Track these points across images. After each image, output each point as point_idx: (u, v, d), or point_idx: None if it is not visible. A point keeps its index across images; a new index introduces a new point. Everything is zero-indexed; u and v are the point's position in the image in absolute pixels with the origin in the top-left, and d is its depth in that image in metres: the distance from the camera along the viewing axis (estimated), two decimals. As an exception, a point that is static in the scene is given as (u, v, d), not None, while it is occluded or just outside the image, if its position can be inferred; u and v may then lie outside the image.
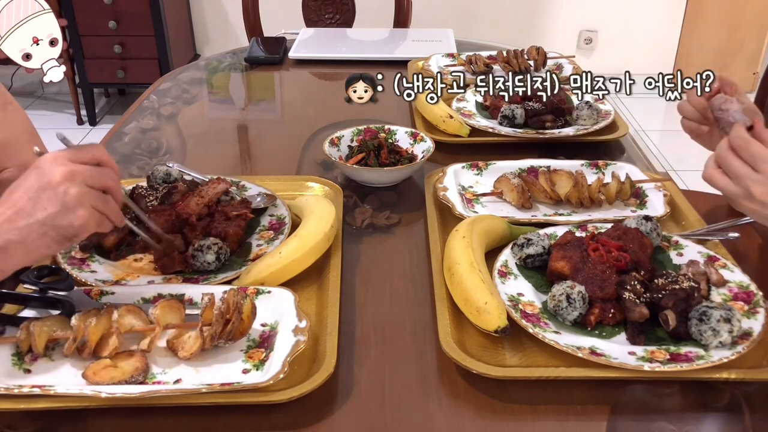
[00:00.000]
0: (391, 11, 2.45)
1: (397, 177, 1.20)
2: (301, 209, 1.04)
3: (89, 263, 0.96)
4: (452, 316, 0.86)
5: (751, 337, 0.79)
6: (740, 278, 0.89)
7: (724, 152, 0.85)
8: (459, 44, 1.95)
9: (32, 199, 0.73)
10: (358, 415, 0.75)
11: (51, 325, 0.79)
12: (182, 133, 1.48)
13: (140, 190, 1.05)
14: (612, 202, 1.11)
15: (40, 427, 0.73)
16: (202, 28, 3.86)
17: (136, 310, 0.81)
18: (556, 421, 0.74)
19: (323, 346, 0.80)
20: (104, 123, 3.63)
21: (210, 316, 0.78)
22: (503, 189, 1.12)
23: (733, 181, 0.84)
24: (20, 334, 0.78)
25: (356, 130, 1.28)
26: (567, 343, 0.79)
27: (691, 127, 1.07)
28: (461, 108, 1.45)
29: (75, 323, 0.77)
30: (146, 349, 0.78)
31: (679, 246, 0.97)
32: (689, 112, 1.06)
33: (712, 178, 0.86)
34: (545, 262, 0.92)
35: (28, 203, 0.73)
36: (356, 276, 0.98)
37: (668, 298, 0.81)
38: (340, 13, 2.45)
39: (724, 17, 3.76)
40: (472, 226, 0.95)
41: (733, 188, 0.84)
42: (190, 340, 0.79)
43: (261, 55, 1.87)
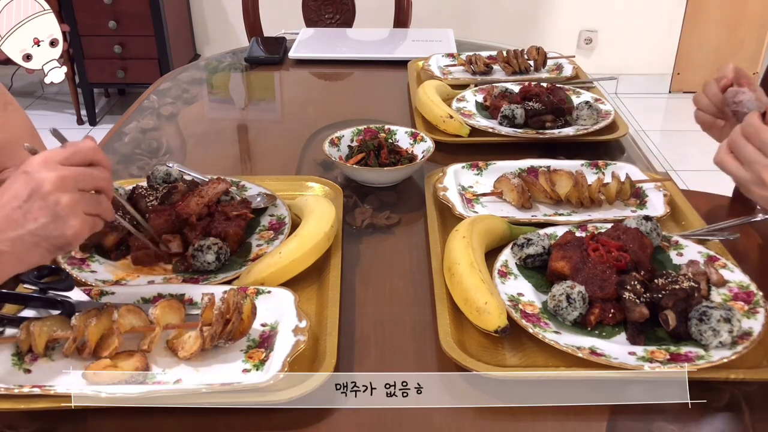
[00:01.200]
0: (391, 11, 2.45)
1: (397, 177, 1.20)
2: (301, 209, 1.04)
3: (89, 263, 0.96)
4: (452, 316, 0.86)
5: (751, 337, 0.79)
6: (740, 278, 0.89)
7: (737, 137, 0.85)
8: (459, 44, 1.95)
9: (22, 208, 0.70)
10: (358, 415, 0.75)
11: (51, 325, 0.79)
12: (182, 133, 1.48)
13: (140, 190, 1.05)
14: (612, 202, 1.11)
15: (40, 427, 0.73)
16: (202, 28, 3.86)
17: (136, 310, 0.81)
18: (556, 421, 0.74)
19: (323, 346, 0.80)
20: (104, 123, 3.63)
21: (210, 316, 0.79)
22: (503, 189, 1.12)
23: (744, 167, 0.83)
24: (20, 334, 0.77)
25: (356, 130, 1.28)
26: (567, 343, 0.79)
27: (704, 119, 1.07)
28: (461, 108, 1.45)
29: (75, 323, 0.77)
30: (146, 349, 0.78)
31: (679, 246, 0.97)
32: (704, 104, 1.06)
33: (723, 162, 0.86)
34: (545, 262, 0.92)
35: (18, 212, 0.70)
36: (356, 276, 0.98)
37: (668, 298, 0.81)
38: (340, 13, 2.45)
39: (724, 17, 3.76)
40: (472, 226, 0.95)
41: (744, 174, 0.83)
42: (190, 340, 0.79)
43: (261, 55, 1.87)
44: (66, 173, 0.71)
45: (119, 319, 0.78)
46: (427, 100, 1.40)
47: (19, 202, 0.70)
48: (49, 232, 0.71)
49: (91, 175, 0.74)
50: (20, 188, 0.71)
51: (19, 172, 0.72)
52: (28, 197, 0.70)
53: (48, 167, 0.71)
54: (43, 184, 0.70)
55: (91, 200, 0.74)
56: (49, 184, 0.70)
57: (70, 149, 0.74)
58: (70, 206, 0.71)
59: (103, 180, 0.76)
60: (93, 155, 0.76)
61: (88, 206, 0.74)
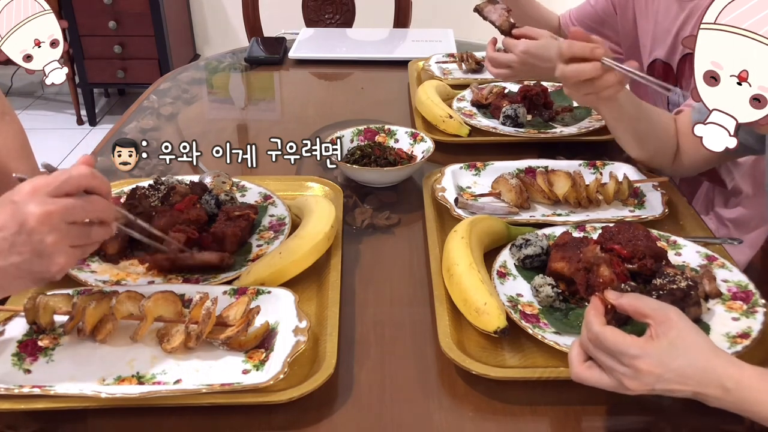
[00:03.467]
0: (391, 11, 2.45)
1: (397, 177, 1.20)
2: (301, 209, 1.04)
3: (89, 263, 0.96)
4: (452, 317, 0.86)
5: (751, 337, 0.79)
6: (739, 278, 0.89)
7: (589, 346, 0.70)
8: (459, 44, 1.95)
9: (8, 240, 0.67)
10: (358, 415, 0.75)
11: (57, 301, 0.81)
12: (182, 133, 1.48)
13: (141, 190, 1.06)
14: (610, 202, 1.11)
15: (40, 427, 0.73)
16: (202, 28, 3.86)
17: (138, 297, 0.82)
18: (556, 422, 0.74)
19: (323, 347, 0.80)
20: (104, 123, 3.63)
21: (198, 314, 0.79)
22: (501, 189, 1.11)
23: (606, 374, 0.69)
24: (27, 303, 0.80)
25: (356, 130, 1.28)
26: (567, 343, 0.79)
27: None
28: (461, 108, 1.45)
29: (76, 303, 0.79)
30: (134, 338, 0.79)
31: (677, 246, 0.97)
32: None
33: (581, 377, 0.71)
34: (544, 263, 0.93)
35: (4, 243, 0.68)
36: (356, 276, 0.98)
37: (666, 298, 0.81)
38: (340, 13, 2.46)
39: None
40: (471, 226, 0.95)
41: (608, 381, 0.69)
42: (177, 335, 0.80)
43: (261, 55, 1.87)
44: (53, 208, 0.68)
45: (117, 305, 0.80)
46: (427, 100, 1.40)
47: (5, 234, 0.68)
48: (33, 267, 0.69)
49: (81, 208, 0.70)
50: (7, 219, 0.68)
51: (7, 200, 0.69)
52: (14, 230, 0.67)
53: (36, 200, 0.68)
54: (29, 220, 0.67)
55: (80, 233, 0.71)
56: (34, 220, 0.67)
57: (61, 177, 0.70)
58: (54, 244, 0.68)
59: (97, 210, 0.72)
60: (87, 182, 0.71)
61: (76, 239, 0.71)
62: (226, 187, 1.11)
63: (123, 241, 0.97)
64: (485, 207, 1.07)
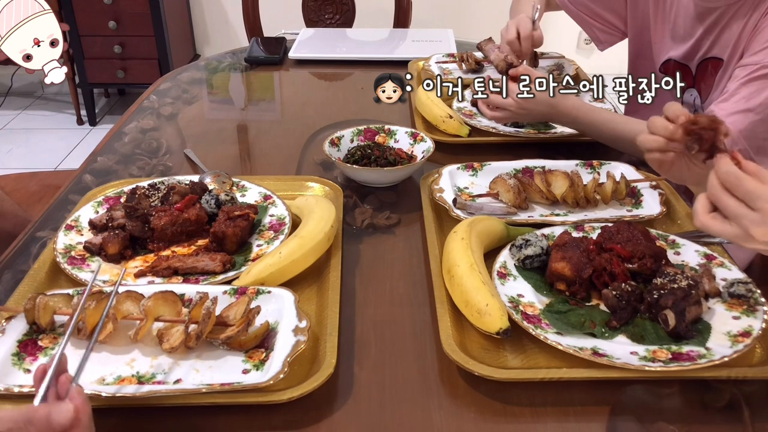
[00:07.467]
0: (391, 11, 2.45)
1: (397, 177, 1.20)
2: (301, 209, 1.04)
3: (89, 263, 0.96)
4: (453, 318, 0.86)
5: (752, 335, 0.79)
6: (738, 276, 0.89)
7: (717, 192, 0.74)
8: (459, 44, 1.95)
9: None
10: (358, 415, 0.75)
11: (57, 301, 0.81)
12: (182, 133, 1.48)
13: (141, 190, 1.05)
14: (608, 201, 1.10)
15: (40, 427, 0.73)
16: (202, 28, 3.86)
17: (138, 297, 0.82)
18: (556, 422, 0.74)
19: (323, 346, 0.80)
20: (104, 123, 3.63)
21: (198, 314, 0.79)
22: (499, 189, 1.11)
23: (730, 222, 0.73)
24: (27, 303, 0.80)
25: (356, 130, 1.28)
26: (569, 344, 0.79)
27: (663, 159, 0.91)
28: (461, 108, 1.45)
29: (76, 302, 0.79)
30: (134, 339, 0.79)
31: (676, 245, 0.97)
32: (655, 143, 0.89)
33: (706, 226, 0.75)
34: (544, 263, 0.93)
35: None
36: (356, 276, 0.98)
37: (667, 297, 0.81)
38: (340, 14, 2.46)
39: (724, 17, 3.75)
40: (471, 227, 0.95)
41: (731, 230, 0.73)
42: (176, 334, 0.80)
43: (261, 55, 1.87)
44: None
45: (116, 305, 0.80)
46: (427, 100, 1.40)
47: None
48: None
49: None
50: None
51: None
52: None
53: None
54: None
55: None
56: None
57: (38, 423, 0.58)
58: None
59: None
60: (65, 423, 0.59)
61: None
62: (227, 187, 1.11)
63: (123, 241, 0.97)
64: (484, 207, 1.07)
